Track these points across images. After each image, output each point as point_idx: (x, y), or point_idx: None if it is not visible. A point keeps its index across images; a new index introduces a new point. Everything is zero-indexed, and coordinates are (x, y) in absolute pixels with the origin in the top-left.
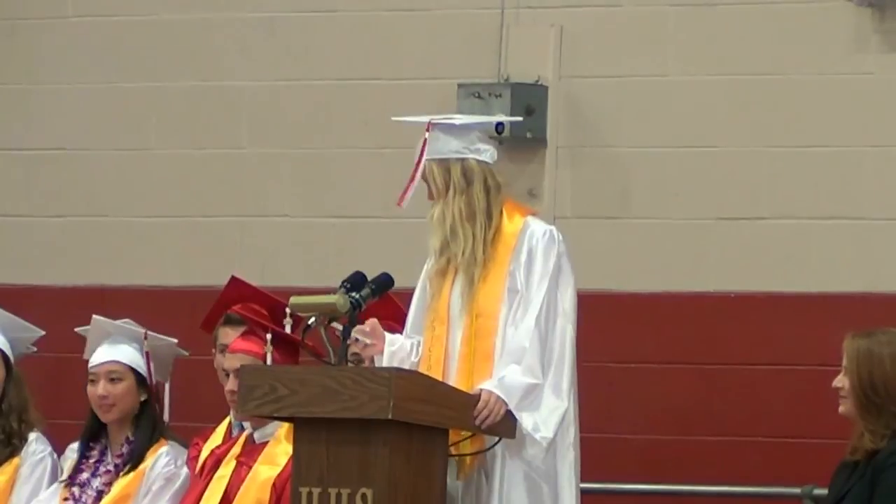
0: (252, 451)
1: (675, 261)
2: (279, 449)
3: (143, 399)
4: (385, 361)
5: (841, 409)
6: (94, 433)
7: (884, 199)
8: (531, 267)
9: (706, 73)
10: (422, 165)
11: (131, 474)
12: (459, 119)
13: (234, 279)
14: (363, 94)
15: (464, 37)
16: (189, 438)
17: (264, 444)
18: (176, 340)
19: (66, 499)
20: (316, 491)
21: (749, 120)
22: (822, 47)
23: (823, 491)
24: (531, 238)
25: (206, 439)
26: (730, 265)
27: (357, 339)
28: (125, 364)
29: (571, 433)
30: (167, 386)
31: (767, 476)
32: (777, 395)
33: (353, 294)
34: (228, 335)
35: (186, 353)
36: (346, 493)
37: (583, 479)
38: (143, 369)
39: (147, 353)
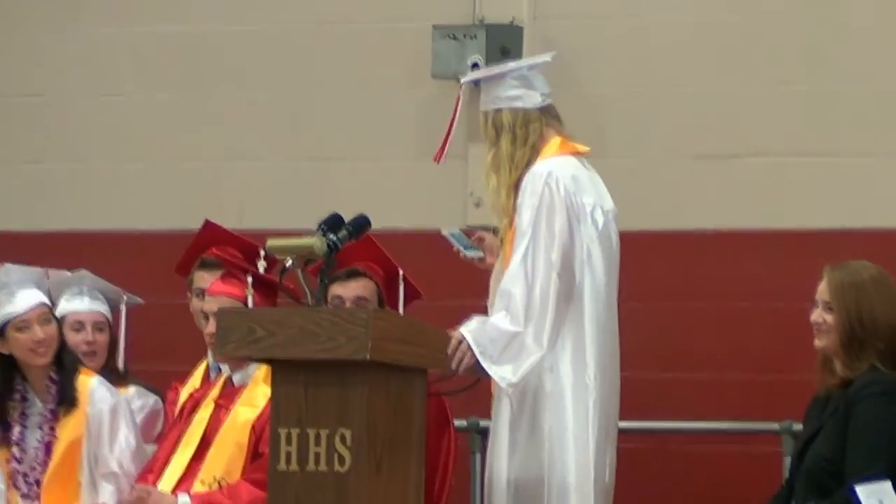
0: (231, 393)
1: (652, 200)
2: (258, 391)
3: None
4: None
5: (818, 343)
6: (7, 383)
7: (859, 135)
8: (521, 208)
9: (680, 13)
10: (455, 121)
11: (71, 417)
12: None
13: (207, 223)
14: (338, 37)
15: None
16: (164, 382)
17: (243, 386)
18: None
19: (7, 460)
20: (294, 432)
21: (723, 59)
22: None
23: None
24: (528, 179)
25: (184, 383)
26: (706, 203)
27: (472, 250)
28: (47, 304)
29: (550, 381)
30: (122, 333)
31: (746, 412)
32: (755, 332)
33: (331, 236)
34: (204, 278)
35: (140, 300)
36: (324, 433)
37: None
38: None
39: (49, 291)
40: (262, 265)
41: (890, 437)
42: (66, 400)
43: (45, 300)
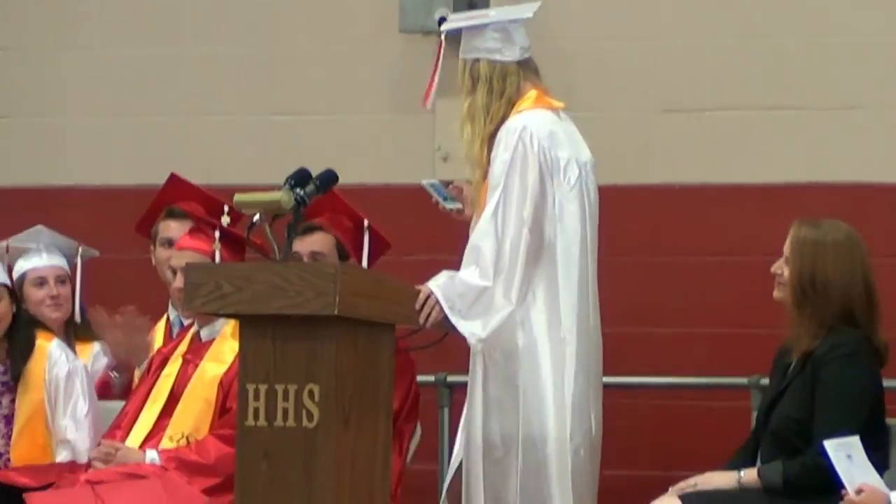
0: (199, 348)
1: (620, 154)
2: (226, 346)
3: (14, 312)
4: None
5: (776, 294)
6: None
7: (827, 89)
8: (494, 162)
9: None
10: (439, 66)
11: (30, 384)
12: (466, 20)
13: (172, 176)
14: None
15: None
16: None
17: (211, 341)
18: (69, 242)
19: None
20: (262, 387)
21: (691, 11)
22: None
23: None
24: (502, 133)
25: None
26: (674, 157)
27: (451, 201)
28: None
29: (522, 336)
30: (78, 285)
31: (715, 367)
32: (723, 286)
33: (298, 190)
34: (170, 228)
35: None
36: (292, 388)
37: None
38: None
39: (9, 267)
40: (225, 220)
41: (857, 398)
42: (17, 374)
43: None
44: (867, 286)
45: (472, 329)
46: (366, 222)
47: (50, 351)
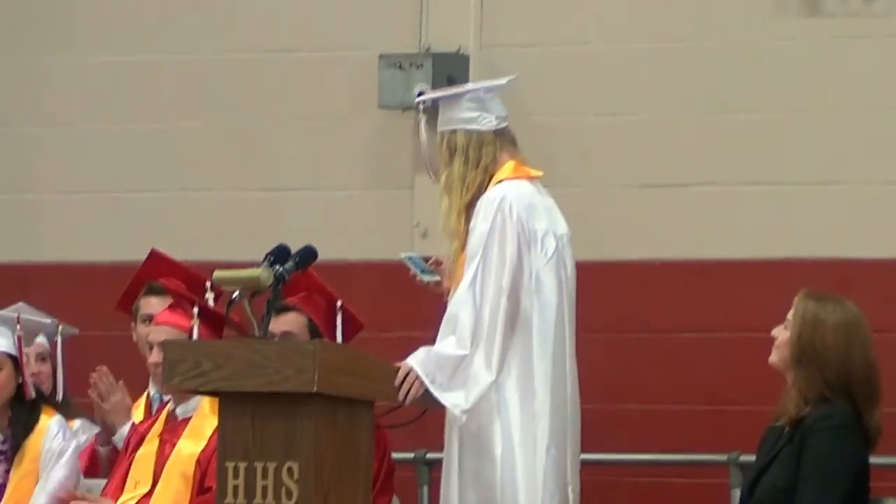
0: (175, 427)
1: (601, 229)
2: (205, 423)
3: (19, 382)
4: None
5: (771, 358)
6: None
7: (806, 165)
8: (473, 232)
9: (628, 41)
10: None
11: (25, 457)
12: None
13: (153, 253)
14: (285, 66)
15: (384, 7)
16: None
17: (187, 419)
18: (49, 321)
19: None
20: (242, 465)
21: (671, 87)
22: (744, 13)
23: (749, 457)
24: (481, 203)
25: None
26: (655, 232)
27: (429, 274)
28: (3, 352)
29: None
30: (59, 364)
31: (694, 444)
32: (702, 363)
33: (277, 267)
34: (152, 304)
35: (76, 331)
36: (272, 466)
37: None
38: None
39: (19, 338)
40: (210, 296)
41: (842, 472)
42: (16, 447)
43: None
44: (868, 366)
45: (454, 401)
46: (339, 302)
47: (49, 426)
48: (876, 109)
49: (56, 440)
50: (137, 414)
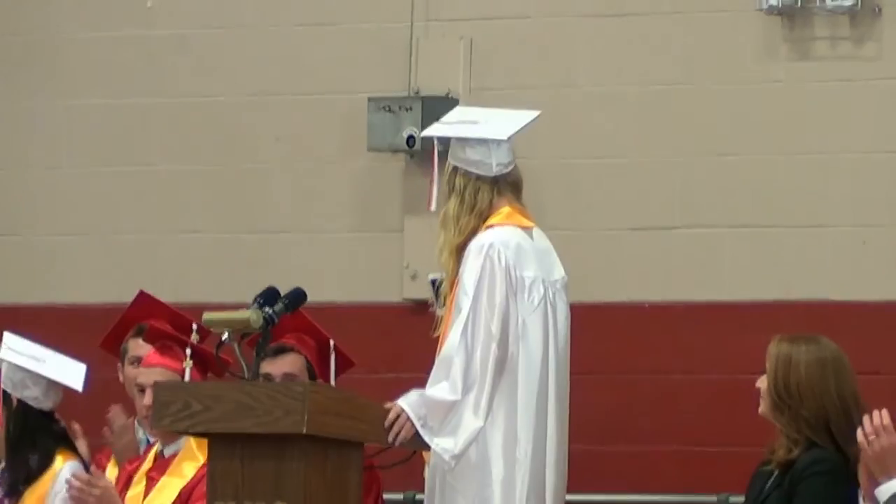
0: (162, 465)
1: (589, 272)
2: (189, 459)
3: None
4: None
5: (760, 408)
6: None
7: (795, 207)
8: (462, 276)
9: (617, 84)
10: (434, 173)
11: (33, 496)
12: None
13: (141, 294)
14: (273, 109)
15: (373, 51)
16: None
17: (174, 456)
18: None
19: None
20: None
21: (660, 130)
22: (732, 56)
23: (739, 498)
24: (470, 248)
25: (109, 456)
26: (643, 275)
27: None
28: None
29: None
30: None
31: (683, 485)
32: (691, 404)
33: (267, 309)
34: (140, 346)
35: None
36: None
37: None
38: None
39: None
40: (195, 338)
41: None
42: (11, 489)
43: None
44: (842, 400)
45: (445, 446)
46: (331, 342)
47: (61, 470)
48: (864, 153)
49: (61, 484)
50: None
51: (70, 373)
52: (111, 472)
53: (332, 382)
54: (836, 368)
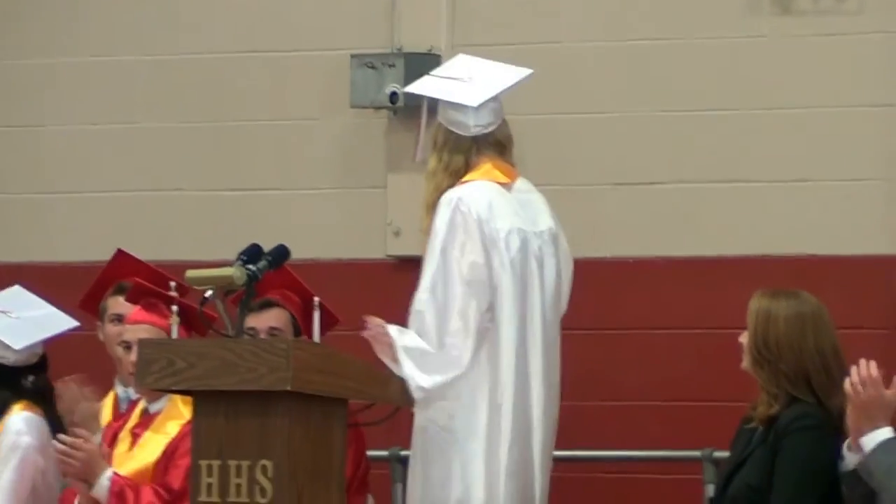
0: (147, 422)
1: (572, 227)
2: (173, 416)
3: None
4: None
5: (743, 363)
6: None
7: (778, 162)
8: (432, 232)
9: (600, 39)
10: (422, 125)
11: None
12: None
13: (119, 252)
14: (256, 67)
15: (356, 7)
16: None
17: (159, 413)
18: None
19: None
20: (216, 464)
21: (643, 85)
22: (716, 11)
23: (723, 453)
24: (441, 203)
25: None
26: (627, 230)
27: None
28: None
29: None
30: None
31: (667, 440)
32: (674, 360)
33: (250, 266)
34: (121, 304)
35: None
36: (245, 465)
37: None
38: None
39: None
40: (173, 295)
41: (818, 473)
42: None
43: None
44: (822, 354)
45: (414, 376)
46: (316, 299)
47: (11, 420)
48: (847, 107)
49: (9, 435)
50: (105, 414)
51: (27, 329)
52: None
53: (317, 339)
54: (816, 323)
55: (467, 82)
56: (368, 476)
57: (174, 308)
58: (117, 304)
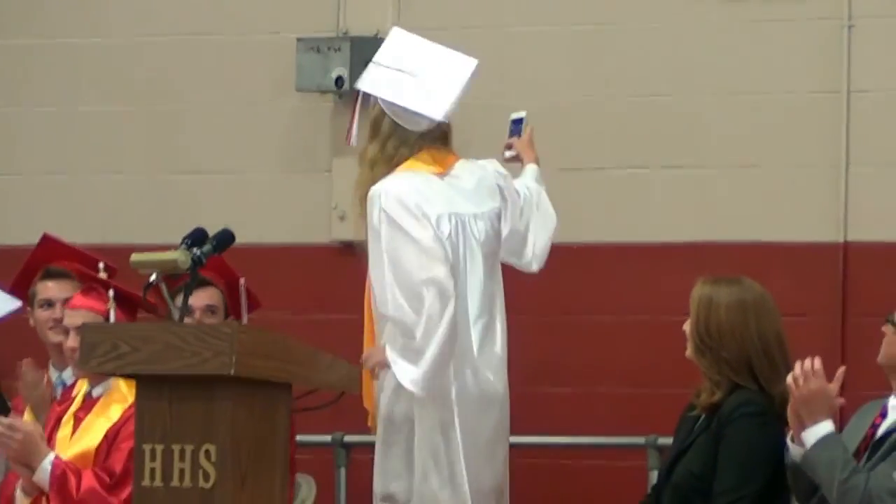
0: (90, 406)
1: None
2: (116, 400)
3: None
4: None
5: (686, 352)
6: None
7: (725, 147)
8: (371, 227)
9: (547, 24)
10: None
11: None
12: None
13: (45, 237)
14: (202, 50)
15: None
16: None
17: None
18: None
19: None
20: (159, 448)
21: (589, 70)
22: None
23: (667, 440)
24: (369, 199)
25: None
26: (573, 216)
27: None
28: None
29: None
30: None
31: (612, 427)
32: (621, 346)
33: (195, 250)
34: (49, 288)
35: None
36: (189, 448)
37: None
38: None
39: None
40: (102, 277)
41: (760, 460)
42: None
43: None
44: (764, 341)
45: (407, 370)
46: (242, 281)
47: None
48: (794, 93)
49: None
50: None
51: None
52: (27, 417)
53: (245, 320)
54: (758, 310)
55: (418, 78)
56: (295, 456)
57: (110, 293)
58: (46, 288)
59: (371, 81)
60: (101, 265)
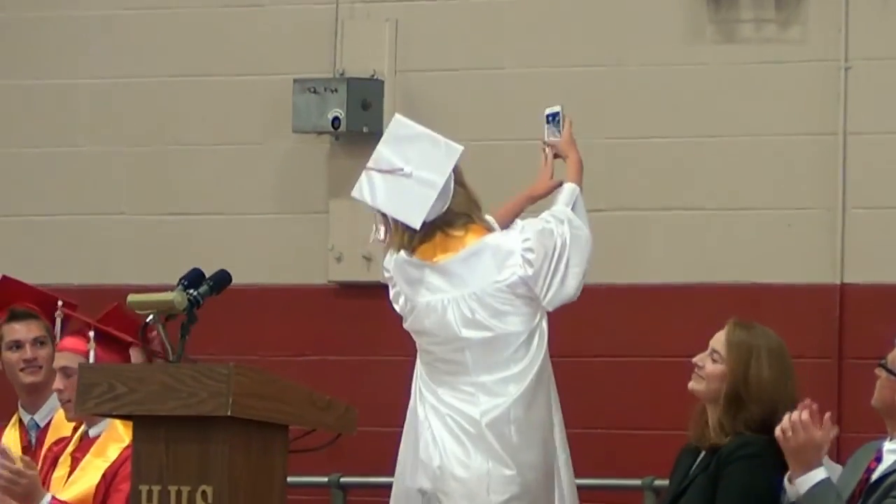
0: (87, 446)
1: None
2: (113, 440)
3: None
4: None
5: (693, 385)
6: None
7: (720, 189)
8: None
9: (542, 65)
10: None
11: None
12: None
13: (4, 278)
14: (199, 91)
15: (299, 31)
16: None
17: (98, 437)
18: None
19: None
20: (156, 489)
21: (585, 111)
22: (658, 38)
23: (663, 482)
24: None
25: None
26: None
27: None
28: None
29: None
30: None
31: (608, 469)
32: (616, 387)
33: (192, 291)
34: (16, 330)
35: None
36: (185, 490)
37: None
38: None
39: None
40: (59, 315)
41: (758, 501)
42: None
43: None
44: (793, 399)
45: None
46: (59, 303)
47: None
48: (789, 135)
49: None
50: (9, 441)
51: None
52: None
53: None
54: (790, 363)
55: (403, 178)
56: (287, 497)
57: (90, 334)
58: (13, 331)
59: (361, 191)
60: (59, 303)
